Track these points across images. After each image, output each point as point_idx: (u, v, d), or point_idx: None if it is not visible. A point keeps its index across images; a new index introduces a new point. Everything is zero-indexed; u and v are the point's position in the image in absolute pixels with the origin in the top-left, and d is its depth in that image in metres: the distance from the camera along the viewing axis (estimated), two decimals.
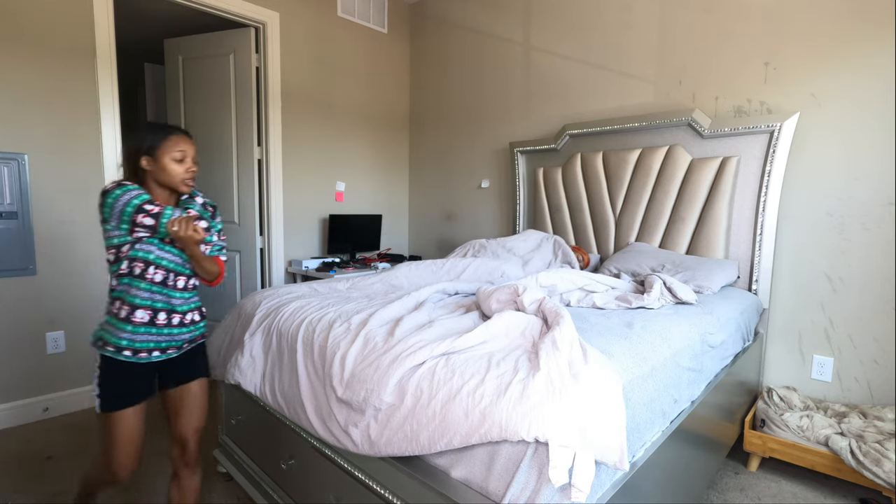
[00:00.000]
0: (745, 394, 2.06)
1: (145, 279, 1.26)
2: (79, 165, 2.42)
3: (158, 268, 1.28)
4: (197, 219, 1.30)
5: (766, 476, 1.96)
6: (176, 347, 1.32)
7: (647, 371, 1.18)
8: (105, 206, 1.21)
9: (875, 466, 1.65)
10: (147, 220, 1.20)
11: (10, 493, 1.77)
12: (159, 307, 1.27)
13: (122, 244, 1.24)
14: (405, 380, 1.09)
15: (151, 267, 1.26)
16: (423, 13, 3.81)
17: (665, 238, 2.46)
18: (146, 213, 1.20)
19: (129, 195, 1.20)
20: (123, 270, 1.26)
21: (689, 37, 2.45)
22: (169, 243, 1.29)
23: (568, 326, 1.10)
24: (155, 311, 1.26)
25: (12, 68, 2.21)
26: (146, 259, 1.26)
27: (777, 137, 2.12)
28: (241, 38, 3.07)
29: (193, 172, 1.32)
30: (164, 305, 1.28)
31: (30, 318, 2.33)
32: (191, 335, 1.35)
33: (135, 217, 1.19)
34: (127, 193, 1.20)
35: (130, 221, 1.20)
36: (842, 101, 2.04)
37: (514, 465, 0.90)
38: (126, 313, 1.24)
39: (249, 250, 3.22)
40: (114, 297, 1.28)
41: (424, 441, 1.00)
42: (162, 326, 1.27)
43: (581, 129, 2.77)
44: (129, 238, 1.23)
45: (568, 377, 0.94)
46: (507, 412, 0.90)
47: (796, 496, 1.83)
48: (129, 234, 1.23)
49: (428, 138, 3.88)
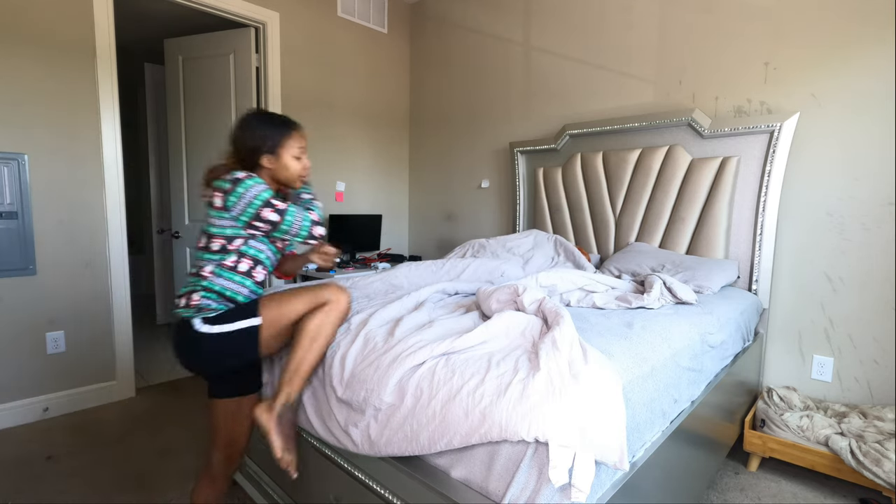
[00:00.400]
0: (745, 394, 2.06)
1: (251, 277, 1.25)
2: (79, 165, 2.42)
3: (264, 268, 1.29)
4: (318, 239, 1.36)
5: (766, 476, 1.96)
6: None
7: (647, 371, 1.18)
8: (233, 194, 1.19)
9: (875, 466, 1.65)
10: (272, 215, 1.20)
11: (10, 493, 1.77)
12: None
13: (234, 236, 1.23)
14: (405, 380, 1.09)
15: (259, 266, 1.27)
16: (423, 13, 3.81)
17: (665, 238, 2.46)
18: (273, 207, 1.20)
19: (259, 188, 1.20)
20: (228, 264, 1.23)
21: (689, 37, 2.45)
22: (272, 242, 1.30)
23: (568, 326, 1.10)
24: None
25: (12, 68, 2.21)
26: (256, 258, 1.26)
27: (777, 137, 2.12)
28: (241, 38, 3.07)
29: (308, 169, 1.35)
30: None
31: (30, 318, 2.33)
32: None
33: (260, 211, 1.19)
34: (257, 186, 1.20)
35: (254, 215, 1.19)
36: (842, 101, 2.04)
37: (514, 466, 0.90)
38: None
39: None
40: (211, 287, 1.22)
41: (424, 441, 1.00)
42: None
43: (581, 129, 2.77)
44: (242, 232, 1.22)
45: (568, 377, 0.94)
46: (507, 412, 0.90)
47: (796, 496, 1.83)
48: (245, 227, 1.22)
49: (428, 138, 3.88)
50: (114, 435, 2.23)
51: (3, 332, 2.27)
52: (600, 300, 1.69)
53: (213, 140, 3.22)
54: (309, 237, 1.29)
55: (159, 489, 1.81)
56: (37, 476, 1.89)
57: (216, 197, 1.22)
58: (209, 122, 3.22)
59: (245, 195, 1.18)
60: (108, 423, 2.34)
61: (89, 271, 2.49)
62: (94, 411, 2.48)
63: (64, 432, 2.25)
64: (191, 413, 2.46)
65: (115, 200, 2.55)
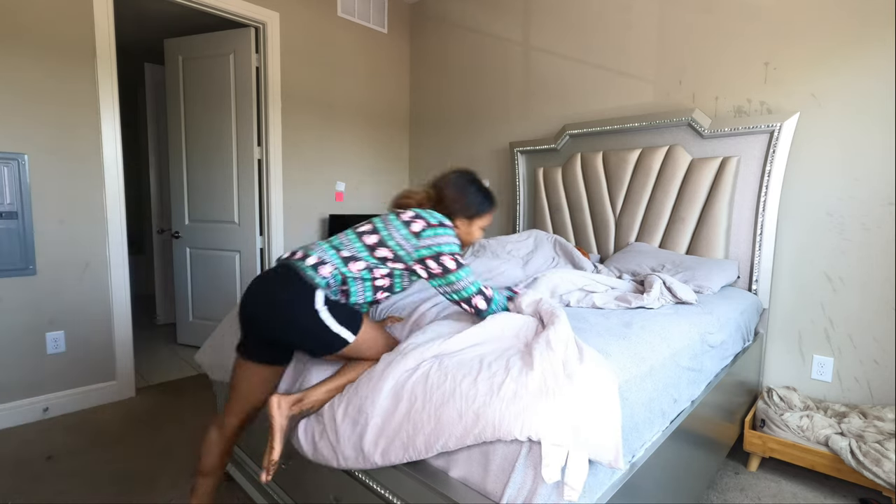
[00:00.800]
0: (745, 394, 2.06)
1: (375, 294, 1.27)
2: (79, 165, 2.43)
3: (389, 296, 1.34)
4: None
5: (766, 476, 1.96)
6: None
7: (646, 371, 1.18)
8: (431, 230, 1.23)
9: (875, 466, 1.65)
10: (450, 262, 1.23)
11: (10, 493, 1.77)
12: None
13: (400, 260, 1.24)
14: (399, 385, 1.07)
15: (388, 293, 1.30)
16: (423, 13, 3.81)
17: (665, 238, 2.46)
18: (454, 258, 1.24)
19: (454, 241, 1.26)
20: (376, 275, 1.24)
21: (689, 37, 2.45)
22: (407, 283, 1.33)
23: (563, 326, 1.10)
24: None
25: (12, 68, 2.21)
26: (395, 287, 1.30)
27: (777, 137, 2.12)
28: (241, 38, 3.07)
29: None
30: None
31: (30, 318, 2.33)
32: None
33: (441, 255, 1.22)
34: (452, 239, 1.26)
35: (435, 255, 1.23)
36: (842, 101, 2.04)
37: (509, 465, 0.90)
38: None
39: (249, 250, 3.22)
40: (347, 278, 1.22)
41: (421, 446, 0.99)
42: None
43: (581, 129, 2.77)
44: (409, 260, 1.24)
45: (562, 376, 0.94)
46: (499, 412, 0.90)
47: (796, 496, 1.83)
48: (416, 261, 1.24)
49: (428, 138, 3.88)
50: (114, 435, 2.23)
51: (3, 332, 2.27)
52: (600, 300, 1.69)
53: (212, 140, 3.22)
54: (466, 300, 1.26)
55: (159, 489, 1.81)
56: (37, 476, 1.89)
57: (416, 222, 1.25)
58: (209, 122, 3.22)
59: (439, 238, 1.24)
60: (108, 423, 2.34)
61: (89, 271, 2.49)
62: (94, 411, 2.48)
63: (64, 432, 2.25)
64: (191, 413, 2.46)
65: (115, 200, 2.55)
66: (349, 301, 1.24)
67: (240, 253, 3.25)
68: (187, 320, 3.50)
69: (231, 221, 3.24)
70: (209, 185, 3.27)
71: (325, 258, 1.20)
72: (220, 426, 1.35)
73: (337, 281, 1.20)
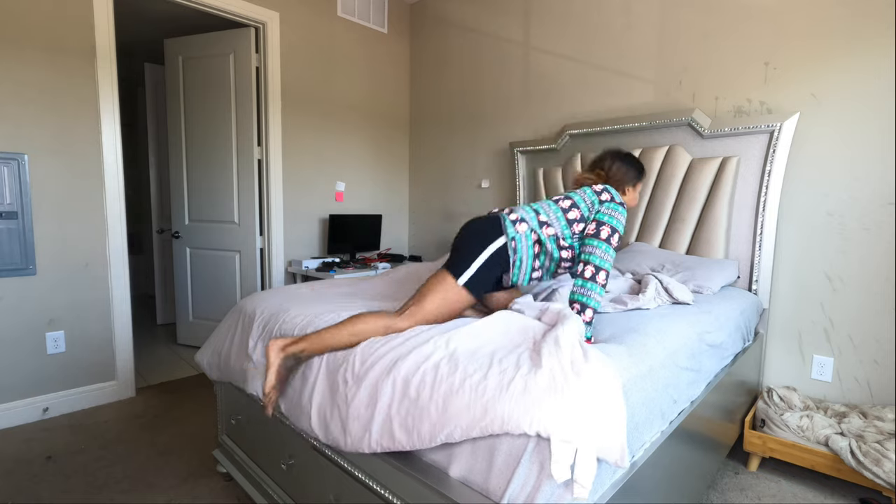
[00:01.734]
0: (745, 394, 2.06)
1: (533, 263, 1.44)
2: (79, 165, 2.43)
3: (542, 272, 1.50)
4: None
5: (766, 476, 1.96)
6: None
7: (645, 371, 1.18)
8: (614, 206, 1.44)
9: (875, 466, 1.65)
10: (596, 230, 1.40)
11: (10, 493, 1.77)
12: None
13: (575, 246, 1.46)
14: (409, 374, 1.09)
15: (547, 262, 1.48)
16: (423, 13, 3.81)
17: (665, 238, 2.46)
18: (613, 232, 1.40)
19: (623, 219, 1.45)
20: (557, 255, 1.45)
21: (689, 37, 2.45)
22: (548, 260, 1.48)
23: (571, 326, 1.11)
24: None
25: (12, 68, 2.21)
26: (548, 273, 1.50)
27: (777, 137, 2.12)
28: (241, 38, 3.07)
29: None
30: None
31: (30, 318, 2.33)
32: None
33: (604, 225, 1.41)
34: (622, 216, 1.45)
35: (599, 222, 1.41)
36: (842, 101, 2.04)
37: (514, 461, 0.90)
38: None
39: (249, 250, 3.22)
40: (539, 242, 1.43)
41: (426, 434, 1.00)
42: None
43: (581, 129, 2.77)
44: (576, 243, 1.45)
45: (571, 374, 0.95)
46: (509, 406, 0.91)
47: (796, 496, 1.83)
48: (585, 226, 1.44)
49: (428, 138, 3.88)
50: (114, 435, 2.23)
51: (3, 332, 2.27)
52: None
53: (212, 140, 3.22)
54: (595, 266, 1.37)
55: (159, 489, 1.81)
56: (37, 476, 1.89)
57: (605, 193, 1.48)
58: (209, 122, 3.22)
59: (615, 214, 1.43)
60: (108, 423, 2.35)
61: (89, 271, 2.50)
62: (94, 411, 2.48)
63: (64, 432, 2.25)
64: (191, 413, 2.46)
65: (115, 200, 2.55)
66: (526, 268, 1.41)
67: (240, 253, 3.25)
68: (187, 320, 3.50)
69: (231, 221, 3.24)
70: (209, 185, 3.27)
71: (525, 218, 1.41)
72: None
73: (529, 240, 1.39)
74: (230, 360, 1.67)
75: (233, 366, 1.65)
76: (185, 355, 3.35)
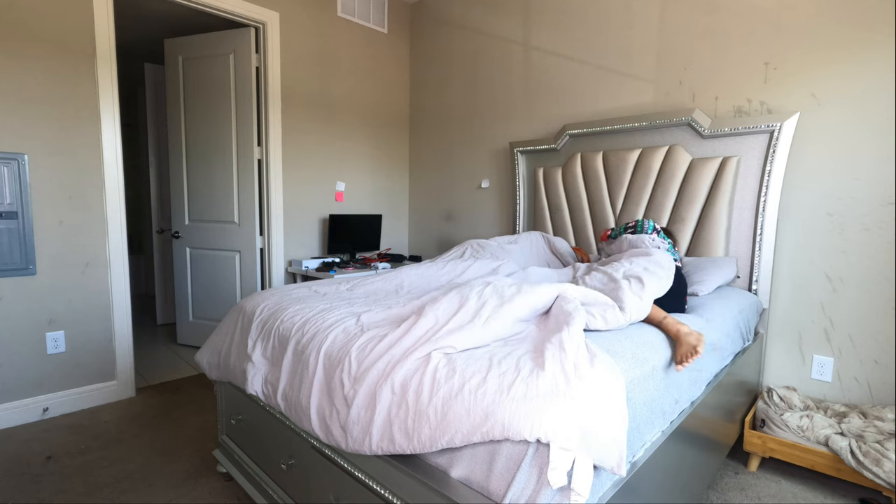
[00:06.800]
0: (745, 394, 2.06)
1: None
2: (79, 165, 2.42)
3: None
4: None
5: (766, 476, 1.96)
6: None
7: (648, 371, 1.18)
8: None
9: (875, 466, 1.65)
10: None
11: (10, 493, 1.77)
12: None
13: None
14: (407, 377, 1.09)
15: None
16: (423, 13, 3.81)
17: None
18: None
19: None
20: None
21: (689, 37, 2.45)
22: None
23: (577, 328, 1.10)
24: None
25: (12, 68, 2.21)
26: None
27: (777, 137, 2.12)
28: (241, 38, 3.07)
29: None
30: None
31: (30, 318, 2.33)
32: None
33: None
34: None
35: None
36: (842, 101, 2.04)
37: (514, 465, 0.90)
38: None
39: (249, 250, 3.22)
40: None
41: (426, 439, 0.99)
42: None
43: (581, 129, 2.77)
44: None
45: (574, 379, 0.94)
46: (509, 411, 0.90)
47: (796, 496, 1.83)
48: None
49: (428, 138, 3.88)
50: (114, 435, 2.23)
51: (3, 332, 2.27)
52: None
53: (212, 140, 3.22)
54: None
55: (159, 489, 1.81)
56: (37, 476, 1.89)
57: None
58: (209, 122, 3.22)
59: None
60: (108, 423, 2.34)
61: (89, 271, 2.49)
62: (94, 411, 2.48)
63: (64, 432, 2.25)
64: (191, 413, 2.46)
65: (115, 200, 2.55)
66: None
67: (240, 253, 3.25)
68: (187, 320, 3.50)
69: (231, 221, 3.24)
70: (209, 184, 3.27)
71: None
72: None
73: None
74: (230, 360, 1.67)
75: (233, 366, 1.65)
76: (185, 355, 3.35)
